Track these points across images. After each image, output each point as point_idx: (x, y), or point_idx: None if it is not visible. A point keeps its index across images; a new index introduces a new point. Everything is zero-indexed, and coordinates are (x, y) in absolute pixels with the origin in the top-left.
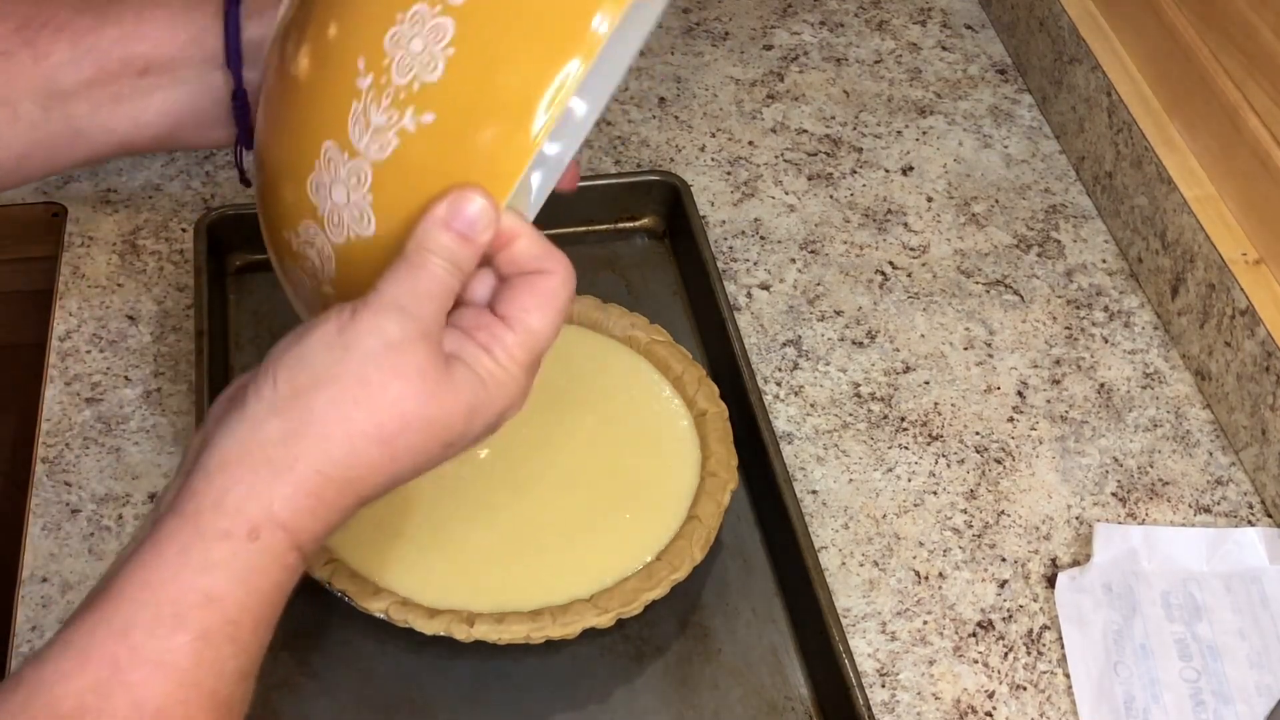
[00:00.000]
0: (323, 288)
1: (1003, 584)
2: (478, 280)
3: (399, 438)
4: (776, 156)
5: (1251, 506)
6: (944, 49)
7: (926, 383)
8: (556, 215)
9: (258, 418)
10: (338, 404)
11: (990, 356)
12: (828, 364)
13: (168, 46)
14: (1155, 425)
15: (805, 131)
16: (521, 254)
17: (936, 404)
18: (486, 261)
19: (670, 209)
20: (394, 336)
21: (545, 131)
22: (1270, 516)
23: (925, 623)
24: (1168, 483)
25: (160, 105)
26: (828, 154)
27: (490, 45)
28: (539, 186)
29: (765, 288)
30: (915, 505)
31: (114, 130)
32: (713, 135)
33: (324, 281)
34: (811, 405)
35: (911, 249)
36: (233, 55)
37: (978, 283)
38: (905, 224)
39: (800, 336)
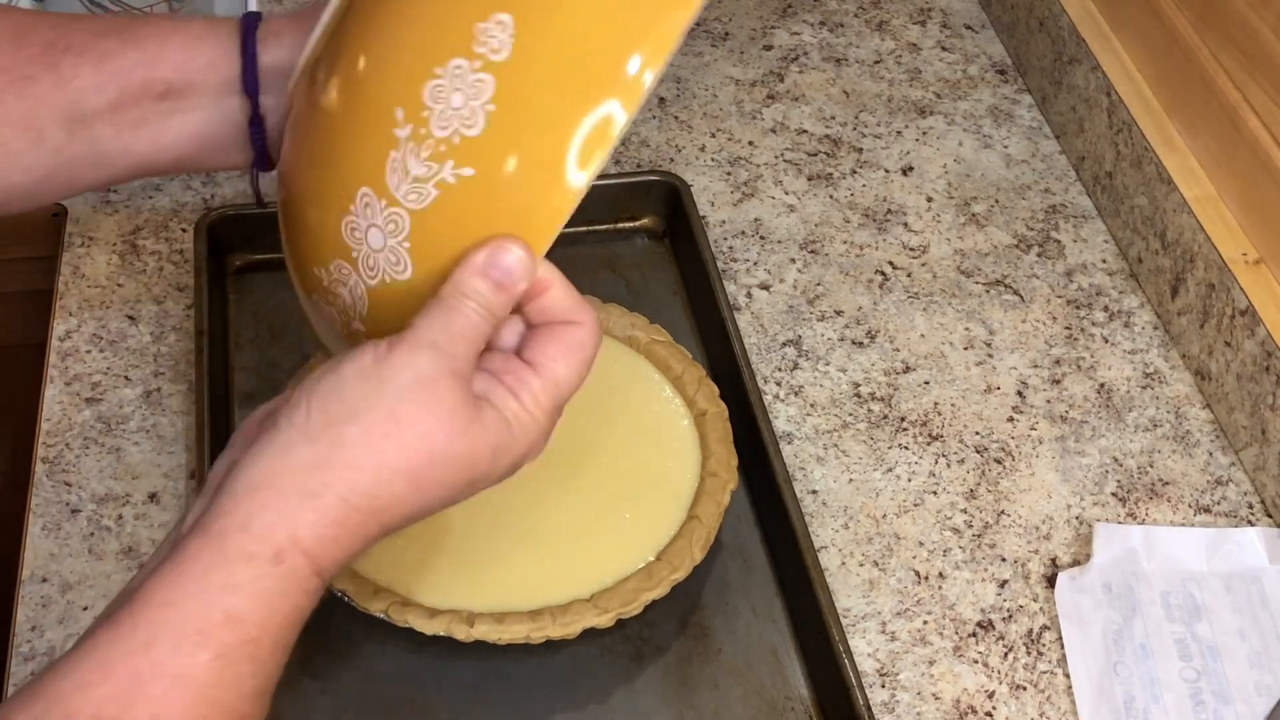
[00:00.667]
0: (352, 324)
1: (1003, 584)
2: (507, 327)
3: (426, 472)
4: (776, 156)
5: (1251, 506)
6: (944, 49)
7: (926, 383)
8: None
9: (289, 444)
10: (368, 436)
11: (990, 356)
12: (828, 364)
13: (186, 70)
14: (1155, 425)
15: (805, 132)
16: (553, 304)
17: (936, 404)
18: (517, 309)
19: (670, 209)
20: (427, 373)
21: (585, 187)
22: (1270, 516)
23: (925, 623)
24: (1168, 483)
25: (179, 128)
26: (828, 154)
27: (531, 103)
28: None
29: (765, 288)
30: (915, 505)
31: (135, 153)
32: (713, 135)
33: (354, 319)
34: (811, 405)
35: (911, 249)
36: (250, 81)
37: (978, 283)
38: (905, 224)
39: (800, 336)
